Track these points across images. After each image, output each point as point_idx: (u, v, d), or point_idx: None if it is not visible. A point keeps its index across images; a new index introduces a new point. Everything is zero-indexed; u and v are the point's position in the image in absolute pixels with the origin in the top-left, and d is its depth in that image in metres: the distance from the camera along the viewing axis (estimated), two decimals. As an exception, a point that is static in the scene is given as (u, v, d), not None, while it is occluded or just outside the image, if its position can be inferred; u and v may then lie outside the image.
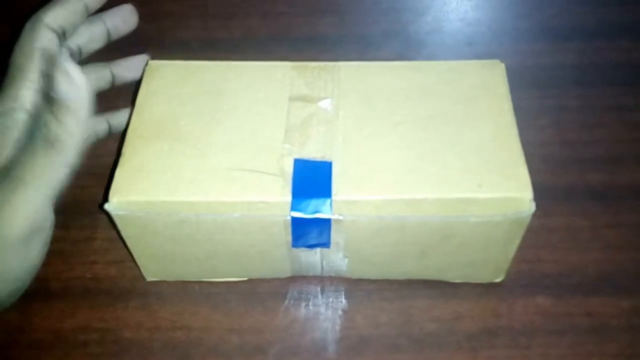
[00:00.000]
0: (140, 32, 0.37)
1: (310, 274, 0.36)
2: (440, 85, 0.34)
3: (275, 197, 0.30)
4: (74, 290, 0.37)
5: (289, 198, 0.30)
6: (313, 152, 0.32)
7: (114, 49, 0.38)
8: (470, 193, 0.30)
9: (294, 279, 0.37)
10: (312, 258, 0.34)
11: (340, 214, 0.30)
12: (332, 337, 0.35)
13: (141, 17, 0.38)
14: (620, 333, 0.34)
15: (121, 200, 0.30)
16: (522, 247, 0.37)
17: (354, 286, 0.36)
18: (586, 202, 0.39)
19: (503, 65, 0.35)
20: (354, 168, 0.31)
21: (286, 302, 0.36)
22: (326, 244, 0.32)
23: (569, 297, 0.36)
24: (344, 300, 0.36)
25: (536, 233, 0.38)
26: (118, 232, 0.32)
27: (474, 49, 0.48)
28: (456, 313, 0.35)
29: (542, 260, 0.37)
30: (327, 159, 0.31)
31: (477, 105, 0.33)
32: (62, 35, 0.33)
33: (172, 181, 0.31)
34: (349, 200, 0.30)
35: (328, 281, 0.37)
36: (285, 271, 0.36)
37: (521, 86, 0.35)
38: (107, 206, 0.30)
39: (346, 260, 0.34)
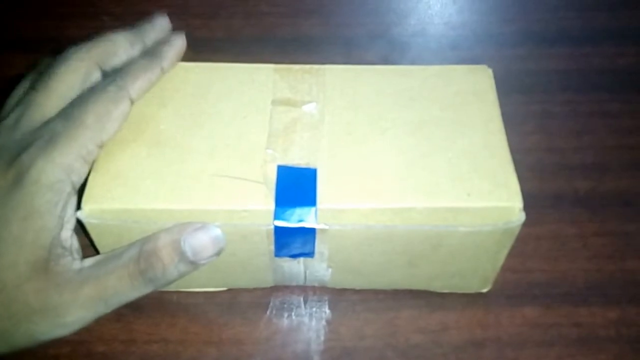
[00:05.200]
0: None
1: (293, 284, 0.35)
2: (428, 91, 0.33)
3: (258, 205, 0.29)
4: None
5: (272, 206, 0.29)
6: (297, 159, 0.30)
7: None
8: (460, 202, 0.29)
9: (276, 288, 0.35)
10: (295, 268, 0.33)
11: (325, 224, 0.29)
12: (315, 349, 0.34)
13: (117, 17, 0.36)
14: (609, 343, 0.34)
15: (94, 208, 0.29)
16: (508, 256, 0.36)
17: (338, 296, 0.35)
18: (574, 209, 0.39)
19: (490, 71, 0.34)
20: (340, 175, 0.30)
21: (267, 312, 0.35)
22: (310, 254, 0.31)
23: (557, 307, 0.35)
24: (327, 311, 0.35)
25: (523, 241, 0.37)
26: (91, 241, 0.31)
27: (458, 53, 0.47)
28: (442, 324, 0.34)
29: (529, 270, 0.36)
30: (311, 165, 0.30)
31: (465, 111, 0.32)
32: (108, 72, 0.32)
33: (150, 188, 0.29)
34: (335, 209, 0.29)
35: (311, 291, 0.36)
36: (266, 281, 0.35)
37: (506, 91, 0.34)
38: (79, 214, 0.29)
39: (330, 270, 0.33)
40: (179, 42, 0.34)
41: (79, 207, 0.29)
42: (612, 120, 0.43)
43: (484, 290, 0.35)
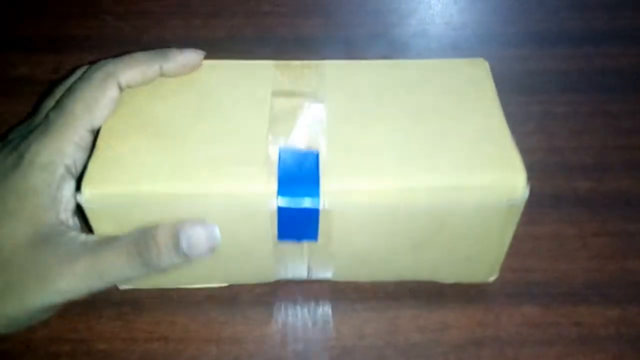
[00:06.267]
0: (116, 31, 0.36)
1: (297, 277, 0.35)
2: (426, 82, 0.34)
3: (260, 187, 0.29)
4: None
5: (274, 188, 0.29)
6: (299, 142, 0.31)
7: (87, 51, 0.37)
8: (463, 180, 0.29)
9: (277, 288, 0.35)
10: (298, 257, 0.33)
11: (328, 204, 0.29)
12: (315, 348, 0.34)
13: (118, 16, 0.36)
14: (609, 343, 0.34)
15: (94, 192, 0.29)
16: (508, 255, 0.37)
17: (338, 295, 0.35)
18: (573, 209, 0.39)
19: (487, 63, 0.35)
20: (342, 157, 0.30)
21: (268, 311, 0.35)
22: (313, 237, 0.31)
23: (556, 306, 0.35)
24: (328, 310, 0.35)
25: (523, 241, 0.37)
26: (90, 229, 0.31)
27: (459, 53, 0.48)
28: (442, 323, 0.34)
29: (529, 269, 0.36)
30: (313, 148, 0.30)
31: (464, 99, 0.33)
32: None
33: (151, 172, 0.29)
34: (338, 190, 0.29)
35: (312, 291, 0.36)
36: (268, 274, 0.34)
37: (507, 92, 0.34)
38: (79, 198, 0.29)
39: (335, 259, 0.33)
40: (192, 54, 0.34)
41: (78, 190, 0.29)
42: (612, 120, 0.43)
43: (491, 279, 0.35)
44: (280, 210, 0.29)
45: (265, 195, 0.29)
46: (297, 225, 0.30)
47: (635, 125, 0.43)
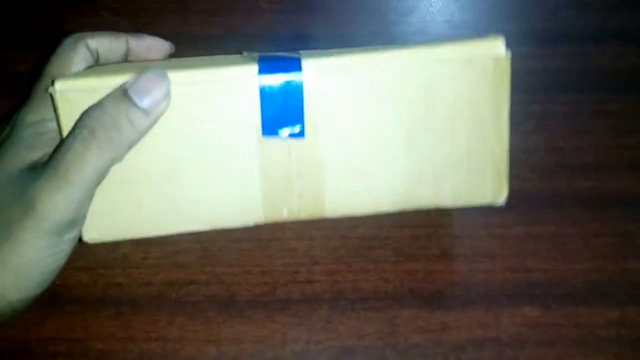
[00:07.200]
0: (114, 28, 0.35)
1: (289, 217, 0.32)
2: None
3: (243, 69, 0.30)
4: (42, 298, 0.34)
5: (255, 67, 0.30)
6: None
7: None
8: (445, 48, 0.30)
9: (276, 287, 0.35)
10: (285, 169, 0.31)
11: (311, 77, 0.30)
12: (314, 348, 0.33)
13: (116, 12, 0.36)
14: (609, 344, 0.34)
15: (68, 84, 0.30)
16: (508, 256, 0.37)
17: (337, 295, 0.35)
18: (574, 210, 0.39)
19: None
20: (323, 55, 0.31)
21: (266, 311, 0.35)
22: (300, 122, 0.30)
23: (557, 307, 0.35)
24: (327, 310, 0.35)
25: (523, 241, 0.37)
26: (59, 126, 0.30)
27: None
28: (442, 324, 0.34)
29: (529, 270, 0.36)
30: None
31: None
32: (96, 60, 0.33)
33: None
34: (318, 65, 0.30)
35: (311, 290, 0.35)
36: (255, 206, 0.32)
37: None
38: (51, 89, 0.29)
39: (326, 171, 0.32)
40: (161, 40, 0.35)
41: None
42: (613, 120, 0.43)
43: (500, 201, 0.33)
44: (263, 90, 0.29)
45: (247, 78, 0.29)
46: (282, 108, 0.30)
47: (636, 125, 0.43)
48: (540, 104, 0.44)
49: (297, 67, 0.30)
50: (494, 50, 0.31)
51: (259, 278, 0.36)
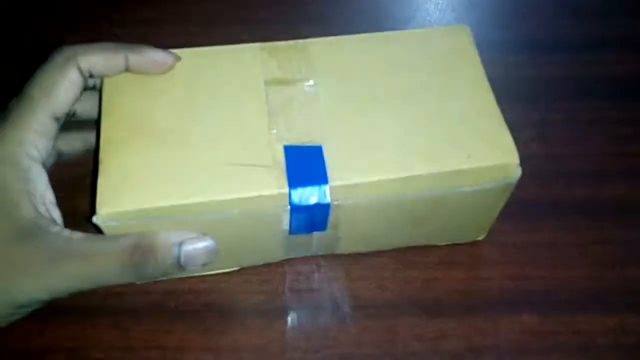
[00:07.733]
0: (114, 38, 0.36)
1: (302, 255, 0.36)
2: (412, 56, 0.34)
3: (272, 189, 0.29)
4: (42, 307, 0.35)
5: (285, 189, 0.29)
6: (301, 136, 0.31)
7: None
8: (462, 165, 0.31)
9: (275, 296, 0.35)
10: (307, 243, 0.34)
11: (338, 199, 0.30)
12: (313, 356, 0.33)
13: (116, 23, 0.36)
14: (608, 351, 0.34)
15: (110, 211, 0.29)
16: (506, 263, 0.37)
17: (336, 303, 0.35)
18: (572, 217, 0.39)
19: (469, 30, 0.36)
20: (345, 149, 0.31)
21: (266, 320, 0.35)
22: (323, 229, 0.32)
23: (555, 314, 0.35)
24: (326, 318, 0.35)
25: (521, 249, 0.37)
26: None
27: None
28: (441, 332, 0.34)
29: (528, 277, 0.36)
30: (316, 141, 0.31)
31: (452, 74, 0.34)
32: (88, 78, 0.31)
33: (161, 185, 0.29)
34: (346, 184, 0.30)
35: (310, 299, 0.35)
36: (277, 256, 0.36)
37: (505, 99, 0.34)
38: (95, 219, 0.29)
39: (341, 241, 0.34)
40: (163, 53, 0.32)
41: (93, 212, 0.29)
42: (610, 127, 0.43)
43: (480, 238, 0.37)
44: (293, 209, 0.30)
45: (277, 198, 0.30)
46: (308, 220, 0.31)
47: (633, 133, 0.43)
48: (537, 112, 0.44)
49: (325, 190, 0.30)
50: (507, 174, 0.32)
51: (258, 287, 0.36)
